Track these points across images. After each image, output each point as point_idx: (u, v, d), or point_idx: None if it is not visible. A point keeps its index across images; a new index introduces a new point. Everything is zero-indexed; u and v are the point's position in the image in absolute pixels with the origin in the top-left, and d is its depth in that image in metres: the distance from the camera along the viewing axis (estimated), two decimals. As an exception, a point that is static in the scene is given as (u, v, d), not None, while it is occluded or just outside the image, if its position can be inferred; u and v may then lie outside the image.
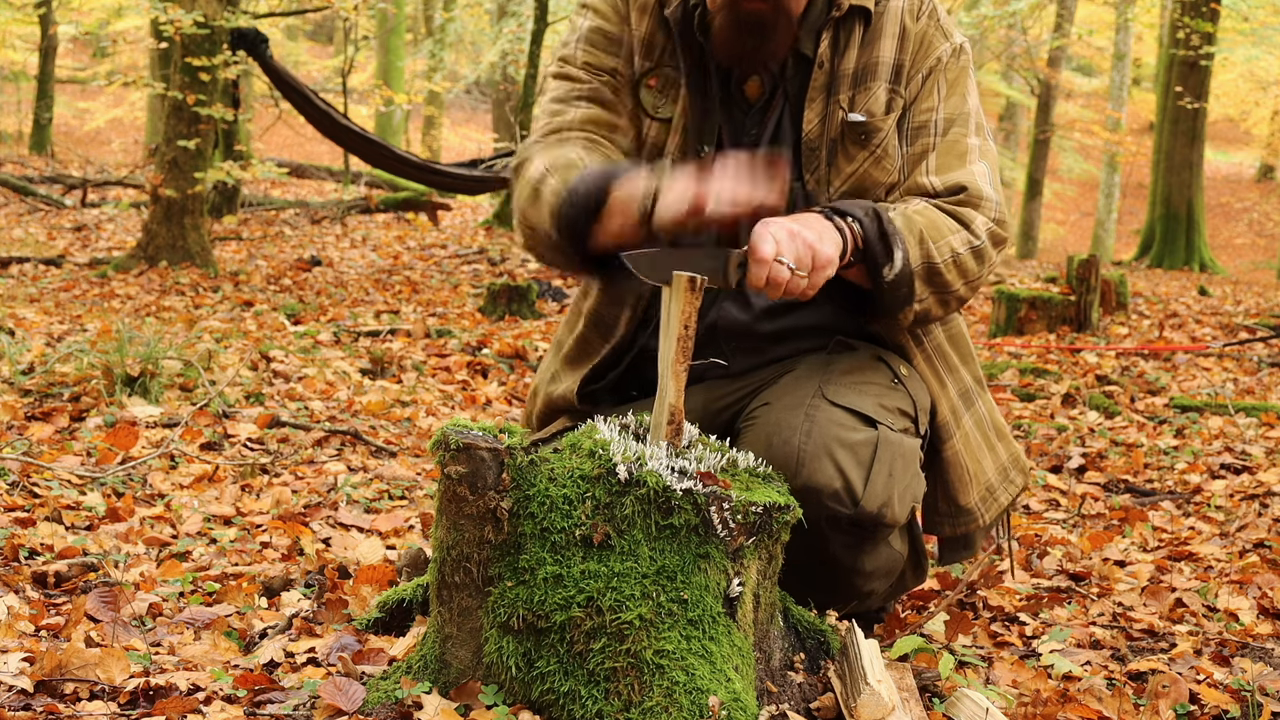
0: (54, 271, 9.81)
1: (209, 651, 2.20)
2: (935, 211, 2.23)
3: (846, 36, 2.28)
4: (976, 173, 2.28)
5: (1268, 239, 25.50)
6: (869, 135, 2.27)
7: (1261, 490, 4.19)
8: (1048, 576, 3.12)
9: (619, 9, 2.34)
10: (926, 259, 2.18)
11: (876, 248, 2.12)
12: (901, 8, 2.31)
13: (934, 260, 2.19)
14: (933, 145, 2.29)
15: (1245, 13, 20.51)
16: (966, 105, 2.32)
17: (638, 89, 2.32)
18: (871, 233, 2.12)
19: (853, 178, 2.28)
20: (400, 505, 3.59)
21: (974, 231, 2.24)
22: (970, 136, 2.31)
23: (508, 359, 6.42)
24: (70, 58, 28.33)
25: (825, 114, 2.28)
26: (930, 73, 2.30)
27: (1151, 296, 11.23)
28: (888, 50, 2.29)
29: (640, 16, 2.32)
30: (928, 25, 2.31)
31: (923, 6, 2.33)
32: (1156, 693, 2.21)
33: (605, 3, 2.35)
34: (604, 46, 2.33)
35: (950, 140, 2.30)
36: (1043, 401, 5.97)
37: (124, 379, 4.51)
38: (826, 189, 2.28)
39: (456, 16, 22.21)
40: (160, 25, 10.34)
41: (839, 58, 2.28)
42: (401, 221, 14.90)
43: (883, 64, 2.29)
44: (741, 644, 1.90)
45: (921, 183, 2.27)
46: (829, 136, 2.28)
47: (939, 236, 2.20)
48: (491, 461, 1.90)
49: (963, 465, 2.38)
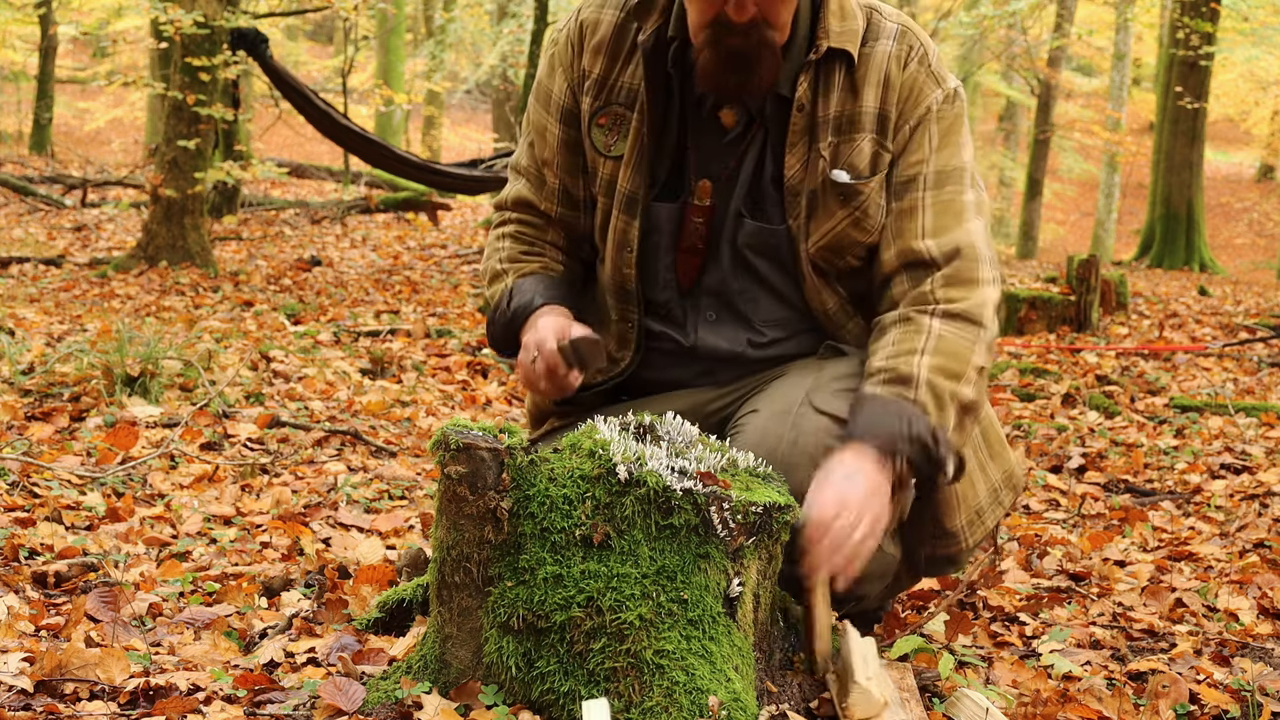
0: (54, 271, 9.81)
1: (209, 651, 2.20)
2: (950, 338, 2.15)
3: (827, 80, 2.21)
4: (973, 231, 2.21)
5: (1268, 239, 25.49)
6: (850, 196, 2.21)
7: (1261, 490, 4.19)
8: (1048, 576, 3.12)
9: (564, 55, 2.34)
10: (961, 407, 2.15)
11: (927, 474, 2.10)
12: (889, 54, 2.22)
13: (967, 400, 2.16)
14: (923, 201, 2.22)
15: (1245, 12, 20.50)
16: (961, 157, 2.24)
17: (590, 128, 2.31)
18: (925, 471, 2.09)
19: (830, 234, 2.23)
20: (400, 505, 3.59)
21: (984, 324, 2.18)
22: (966, 192, 2.23)
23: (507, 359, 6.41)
24: (70, 58, 28.33)
25: (808, 160, 2.21)
26: (920, 123, 2.22)
27: (1151, 296, 11.23)
28: (870, 100, 2.21)
29: (594, 57, 2.30)
30: (917, 72, 2.22)
31: (911, 53, 2.23)
32: (1156, 693, 2.21)
33: (558, 46, 2.35)
34: (542, 102, 2.39)
35: (946, 198, 2.22)
36: (1043, 401, 5.97)
37: (124, 379, 4.51)
38: (804, 240, 2.24)
39: (456, 17, 22.20)
40: (160, 25, 10.33)
41: (820, 101, 2.21)
42: (401, 221, 14.90)
43: (866, 114, 2.21)
44: (741, 644, 1.90)
45: (916, 249, 2.20)
46: (809, 185, 2.22)
47: (963, 368, 2.15)
48: (491, 461, 1.90)
49: (953, 491, 2.37)
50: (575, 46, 2.33)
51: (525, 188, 2.43)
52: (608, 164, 2.30)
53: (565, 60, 2.34)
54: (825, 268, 2.26)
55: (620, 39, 2.29)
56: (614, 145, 2.29)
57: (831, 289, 2.28)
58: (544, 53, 2.41)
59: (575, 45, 2.33)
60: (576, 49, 2.33)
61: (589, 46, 2.31)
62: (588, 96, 2.31)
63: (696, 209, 2.27)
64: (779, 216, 2.26)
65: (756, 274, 2.29)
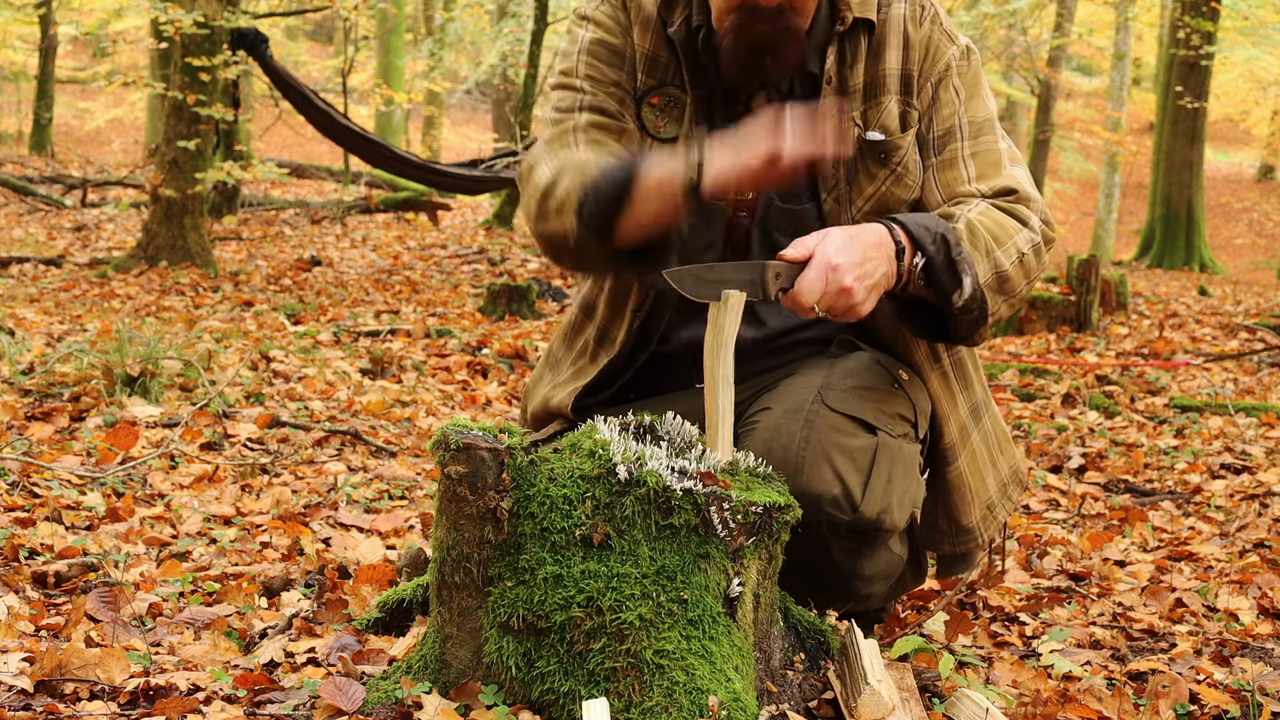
0: (54, 271, 9.81)
1: (209, 651, 2.20)
2: (997, 212, 2.21)
3: (853, 50, 2.25)
4: (1017, 175, 2.26)
5: (1268, 239, 25.49)
6: (889, 154, 2.24)
7: (1261, 490, 4.19)
8: (1048, 576, 3.12)
9: (621, 22, 2.29)
10: (995, 268, 2.16)
11: (944, 276, 2.09)
12: (903, 15, 2.27)
13: (1003, 268, 2.17)
14: (962, 152, 2.26)
15: (1245, 12, 20.51)
16: (989, 108, 2.30)
17: (640, 106, 2.28)
18: (939, 261, 2.08)
19: (874, 198, 2.25)
20: (400, 505, 3.59)
21: (1032, 228, 2.23)
22: (1000, 141, 2.29)
23: (508, 359, 6.42)
24: (70, 58, 28.33)
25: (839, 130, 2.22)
26: (941, 79, 2.27)
27: (1151, 296, 11.23)
28: (894, 61, 2.25)
29: (644, 32, 2.28)
30: (931, 30, 2.28)
31: (924, 12, 2.28)
32: (1156, 693, 2.21)
33: (607, 16, 2.31)
34: (607, 59, 2.28)
35: (983, 147, 2.27)
36: (1043, 401, 5.97)
37: (124, 379, 4.51)
38: (849, 208, 2.25)
39: (456, 16, 22.20)
40: (160, 25, 10.34)
41: (847, 72, 2.25)
42: (401, 221, 14.90)
43: (890, 75, 2.25)
44: (741, 644, 1.90)
45: (969, 191, 2.24)
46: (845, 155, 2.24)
47: (1005, 238, 2.18)
48: (491, 461, 1.90)
49: (966, 485, 2.37)
50: (625, 17, 2.28)
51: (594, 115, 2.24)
52: (656, 146, 2.26)
53: (623, 24, 2.28)
54: None
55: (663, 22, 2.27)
56: (664, 127, 2.27)
57: None
58: (580, 24, 2.32)
59: (625, 15, 2.29)
60: (627, 19, 2.28)
61: (636, 20, 2.28)
62: (640, 71, 2.28)
63: (742, 202, 2.26)
64: (807, 195, 2.27)
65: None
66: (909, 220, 2.09)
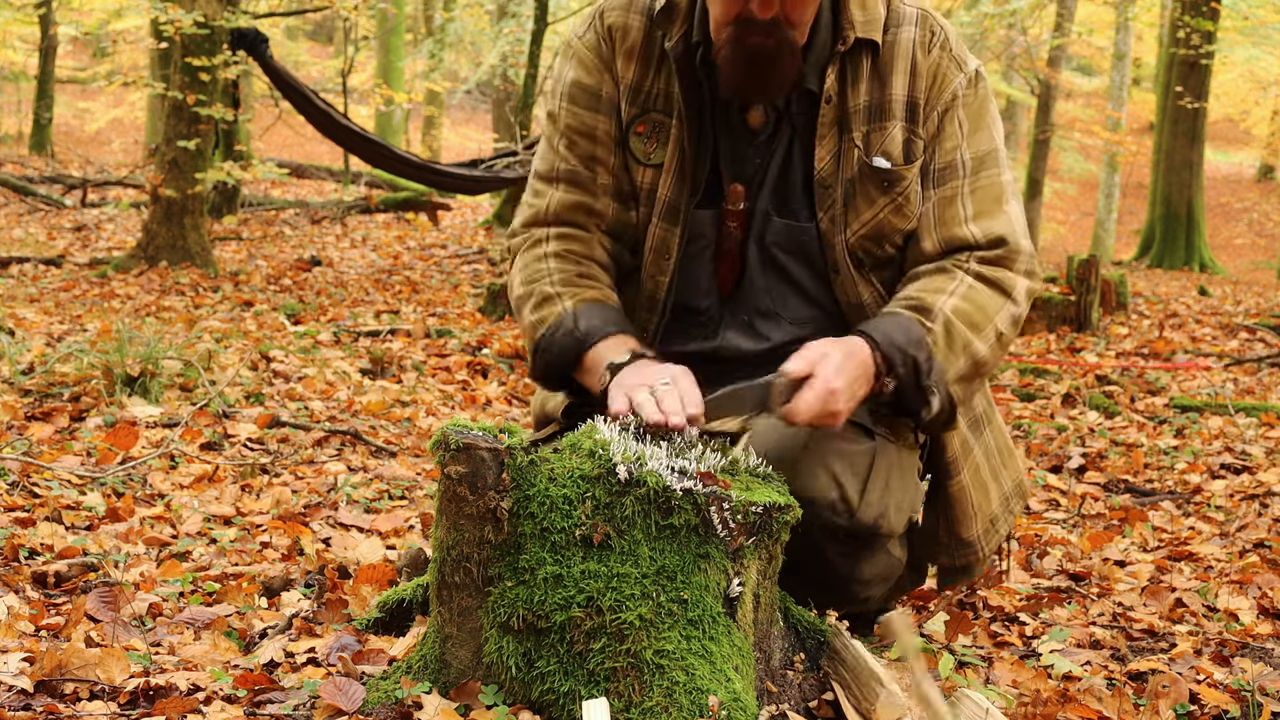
0: (54, 271, 9.81)
1: (209, 651, 2.20)
2: (981, 288, 2.19)
3: (854, 71, 2.21)
4: (1013, 218, 2.24)
5: (1268, 239, 25.49)
6: (892, 183, 2.21)
7: (1261, 490, 4.19)
8: (1048, 576, 3.12)
9: (603, 57, 2.28)
10: (972, 358, 2.17)
11: (912, 398, 2.11)
12: (912, 40, 2.23)
13: (979, 356, 2.18)
14: (964, 189, 2.23)
15: (1245, 12, 20.50)
16: (994, 139, 2.26)
17: (626, 137, 2.27)
18: (908, 384, 2.10)
19: (871, 223, 2.23)
20: (400, 505, 3.59)
21: (1015, 299, 2.21)
22: (1003, 174, 2.26)
23: (508, 359, 6.42)
24: (70, 58, 28.33)
25: (839, 151, 2.21)
26: (948, 109, 2.23)
27: (1151, 296, 11.23)
28: (900, 87, 2.22)
29: (627, 62, 2.27)
30: (940, 57, 2.23)
31: (934, 38, 2.24)
32: (1156, 693, 2.21)
33: (589, 50, 2.30)
34: (584, 103, 2.29)
35: (984, 182, 2.24)
36: (1043, 401, 5.97)
37: (124, 379, 4.51)
38: (844, 230, 2.23)
39: (456, 16, 22.19)
40: (160, 25, 10.33)
41: (849, 92, 2.21)
42: (401, 221, 14.90)
43: (895, 102, 2.22)
44: (741, 644, 1.90)
45: (961, 235, 2.22)
46: (844, 175, 2.21)
47: (985, 323, 2.17)
48: (491, 461, 1.90)
49: (968, 499, 2.36)
50: (608, 49, 2.28)
51: (568, 191, 2.30)
52: (647, 172, 2.26)
53: (605, 58, 2.28)
54: (864, 258, 2.25)
55: (650, 45, 2.26)
56: (653, 153, 2.26)
57: (867, 280, 2.26)
58: (566, 55, 2.34)
59: (608, 47, 2.28)
60: (610, 52, 2.28)
61: (620, 51, 2.27)
62: (624, 102, 2.27)
63: (731, 213, 2.26)
64: (807, 213, 2.25)
65: (784, 273, 2.28)
66: (885, 340, 2.10)
